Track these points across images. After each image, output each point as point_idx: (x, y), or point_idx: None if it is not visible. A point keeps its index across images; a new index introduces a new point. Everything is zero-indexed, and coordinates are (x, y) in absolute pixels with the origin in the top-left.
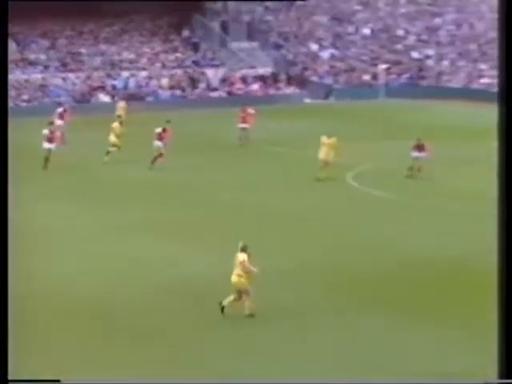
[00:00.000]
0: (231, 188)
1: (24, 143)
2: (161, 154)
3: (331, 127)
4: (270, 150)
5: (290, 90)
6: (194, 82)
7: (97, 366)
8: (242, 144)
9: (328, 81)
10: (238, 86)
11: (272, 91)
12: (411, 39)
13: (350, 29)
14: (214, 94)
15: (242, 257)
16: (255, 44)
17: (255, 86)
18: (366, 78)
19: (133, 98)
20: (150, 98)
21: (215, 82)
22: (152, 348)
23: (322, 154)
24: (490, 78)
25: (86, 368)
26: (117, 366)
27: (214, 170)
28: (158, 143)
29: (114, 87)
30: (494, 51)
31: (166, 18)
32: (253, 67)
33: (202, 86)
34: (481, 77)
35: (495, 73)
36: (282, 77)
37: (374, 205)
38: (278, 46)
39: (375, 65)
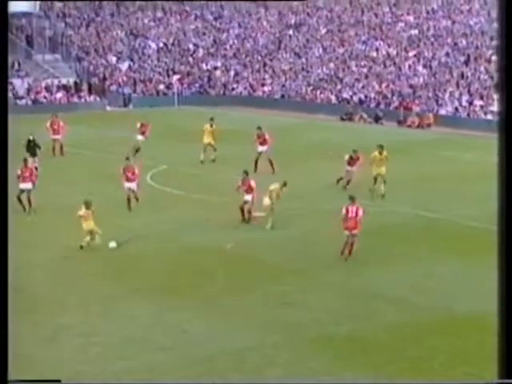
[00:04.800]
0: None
1: None
2: None
3: (131, 132)
4: (76, 153)
5: (92, 98)
6: None
7: None
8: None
9: (127, 90)
10: (43, 95)
11: (75, 99)
12: (200, 52)
13: (145, 43)
14: (21, 102)
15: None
16: (58, 56)
17: (59, 95)
18: (161, 87)
19: None
20: None
21: (21, 91)
22: None
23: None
24: (270, 86)
25: None
26: None
27: None
28: None
29: None
30: (273, 62)
31: None
32: (56, 77)
33: (9, 94)
34: (263, 85)
35: (276, 81)
36: (84, 86)
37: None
38: (79, 59)
39: (169, 75)
